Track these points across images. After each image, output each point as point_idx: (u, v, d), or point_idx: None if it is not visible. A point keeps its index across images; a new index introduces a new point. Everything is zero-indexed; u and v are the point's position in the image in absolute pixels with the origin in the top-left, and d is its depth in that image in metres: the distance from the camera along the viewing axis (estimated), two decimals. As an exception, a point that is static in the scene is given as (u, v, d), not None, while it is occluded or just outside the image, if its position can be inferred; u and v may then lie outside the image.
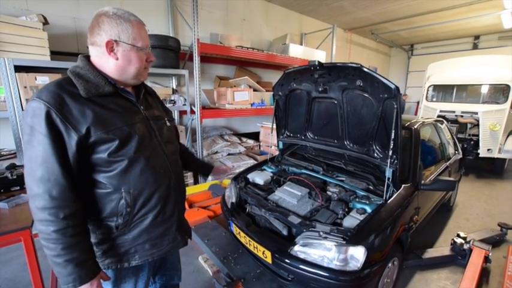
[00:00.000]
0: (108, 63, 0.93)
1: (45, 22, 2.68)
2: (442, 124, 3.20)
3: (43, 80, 2.55)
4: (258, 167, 2.51)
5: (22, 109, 2.49)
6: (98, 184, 0.92)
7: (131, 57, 0.94)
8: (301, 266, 1.45)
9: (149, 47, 1.00)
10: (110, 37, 0.89)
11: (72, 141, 0.83)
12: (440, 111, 5.09)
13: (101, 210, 0.94)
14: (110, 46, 0.90)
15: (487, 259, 2.23)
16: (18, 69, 2.45)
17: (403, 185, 1.85)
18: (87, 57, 0.96)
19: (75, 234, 0.84)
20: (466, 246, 2.31)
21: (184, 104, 3.65)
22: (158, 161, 1.02)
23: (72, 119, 0.83)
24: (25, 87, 2.48)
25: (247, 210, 1.98)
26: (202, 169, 1.55)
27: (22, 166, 2.08)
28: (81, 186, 0.90)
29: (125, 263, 1.00)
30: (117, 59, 0.92)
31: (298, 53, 4.93)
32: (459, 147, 3.46)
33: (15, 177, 1.81)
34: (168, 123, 1.14)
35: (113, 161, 0.91)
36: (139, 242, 1.00)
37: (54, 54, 2.84)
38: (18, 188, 1.82)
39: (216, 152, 4.33)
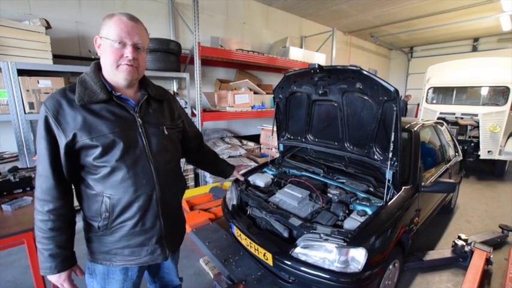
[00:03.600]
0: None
1: (48, 26, 2.71)
2: (442, 126, 3.21)
3: (45, 83, 2.58)
4: (258, 169, 2.52)
5: (24, 112, 2.52)
6: (86, 184, 0.99)
7: (105, 49, 0.95)
8: (302, 268, 1.45)
9: (129, 43, 0.93)
10: (97, 35, 0.96)
11: (61, 144, 0.91)
12: (440, 113, 5.10)
13: (88, 209, 1.00)
14: (98, 43, 0.96)
15: (488, 261, 2.22)
16: (21, 72, 2.48)
17: (403, 187, 1.86)
18: (98, 64, 1.01)
19: (53, 229, 0.93)
20: (467, 248, 2.31)
21: (185, 107, 3.67)
22: (142, 171, 0.99)
23: (64, 124, 0.90)
24: (27, 90, 2.51)
25: (248, 212, 1.98)
26: (225, 173, 1.67)
27: (24, 169, 2.09)
28: (75, 184, 1.00)
29: (108, 262, 1.04)
30: (101, 54, 0.97)
31: (299, 56, 4.96)
32: (459, 149, 3.46)
33: (17, 180, 1.81)
34: (165, 132, 1.09)
35: (98, 166, 0.95)
36: (119, 246, 1.02)
37: (57, 58, 2.87)
38: (21, 190, 1.82)
39: (217, 155, 4.33)
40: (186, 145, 1.33)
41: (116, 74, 0.96)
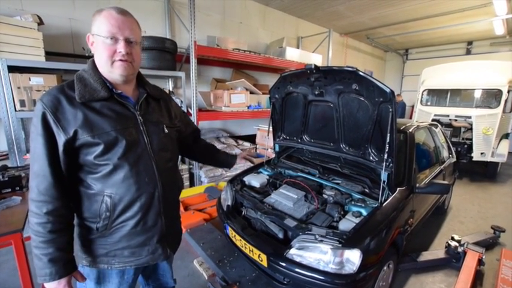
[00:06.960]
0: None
1: (40, 22, 2.65)
2: (436, 128, 3.24)
3: (37, 80, 2.53)
4: (254, 169, 2.50)
5: (15, 110, 2.46)
6: (84, 184, 0.95)
7: (98, 47, 0.92)
8: (297, 270, 1.45)
9: (121, 38, 0.91)
10: (89, 32, 0.94)
11: (60, 141, 0.88)
12: (435, 115, 5.16)
13: (86, 209, 0.96)
14: (91, 41, 0.94)
15: (480, 262, 2.25)
16: (12, 69, 2.42)
17: (398, 188, 1.86)
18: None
19: (53, 231, 0.88)
20: (460, 249, 2.33)
21: (181, 106, 3.64)
22: (144, 169, 0.99)
23: (64, 121, 0.87)
24: (18, 87, 2.45)
25: (243, 213, 1.97)
26: (227, 163, 1.58)
27: (14, 168, 2.05)
28: (71, 184, 0.94)
29: (105, 265, 1.01)
30: (94, 52, 0.95)
31: (295, 56, 4.96)
32: (453, 151, 3.50)
33: (7, 179, 1.76)
34: (165, 130, 1.09)
35: (99, 164, 0.92)
36: (119, 247, 1.00)
37: (49, 54, 2.81)
38: (10, 190, 1.77)
39: (212, 155, 4.31)
40: (183, 142, 1.32)
41: (112, 71, 0.95)
